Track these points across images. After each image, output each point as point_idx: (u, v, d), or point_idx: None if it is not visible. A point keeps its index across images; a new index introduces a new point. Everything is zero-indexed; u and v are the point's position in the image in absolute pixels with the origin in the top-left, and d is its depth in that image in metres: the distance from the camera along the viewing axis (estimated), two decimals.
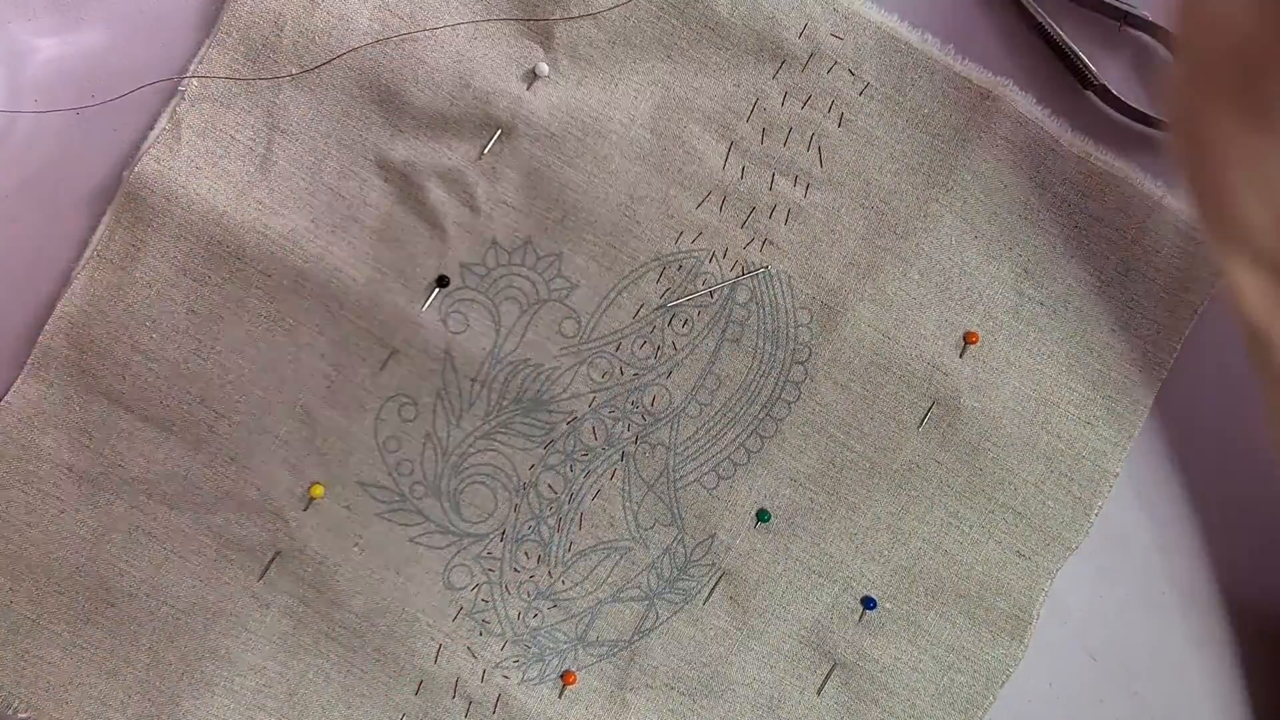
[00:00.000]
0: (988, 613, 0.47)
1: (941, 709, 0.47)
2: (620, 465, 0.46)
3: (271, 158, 0.44)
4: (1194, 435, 0.49)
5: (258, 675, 0.45)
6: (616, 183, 0.45)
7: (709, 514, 0.46)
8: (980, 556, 0.47)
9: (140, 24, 0.45)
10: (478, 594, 0.46)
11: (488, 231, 0.45)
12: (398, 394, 0.45)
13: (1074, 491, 0.47)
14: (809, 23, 0.44)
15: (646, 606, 0.46)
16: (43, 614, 0.44)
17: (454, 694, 0.46)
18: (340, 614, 0.45)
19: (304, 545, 0.45)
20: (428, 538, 0.45)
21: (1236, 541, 0.49)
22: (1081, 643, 0.49)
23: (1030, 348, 0.46)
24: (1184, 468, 0.49)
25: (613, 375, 0.45)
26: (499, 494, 0.46)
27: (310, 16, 0.43)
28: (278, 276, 0.44)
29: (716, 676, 0.47)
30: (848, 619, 0.47)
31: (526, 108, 0.44)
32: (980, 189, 0.45)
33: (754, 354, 0.46)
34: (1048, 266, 0.46)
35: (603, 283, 0.45)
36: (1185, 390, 0.48)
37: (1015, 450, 0.46)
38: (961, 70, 0.45)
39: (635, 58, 0.45)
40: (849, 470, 0.46)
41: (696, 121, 0.45)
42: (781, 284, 0.46)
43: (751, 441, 0.46)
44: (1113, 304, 0.46)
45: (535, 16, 0.44)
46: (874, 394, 0.46)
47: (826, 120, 0.45)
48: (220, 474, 0.45)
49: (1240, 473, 0.49)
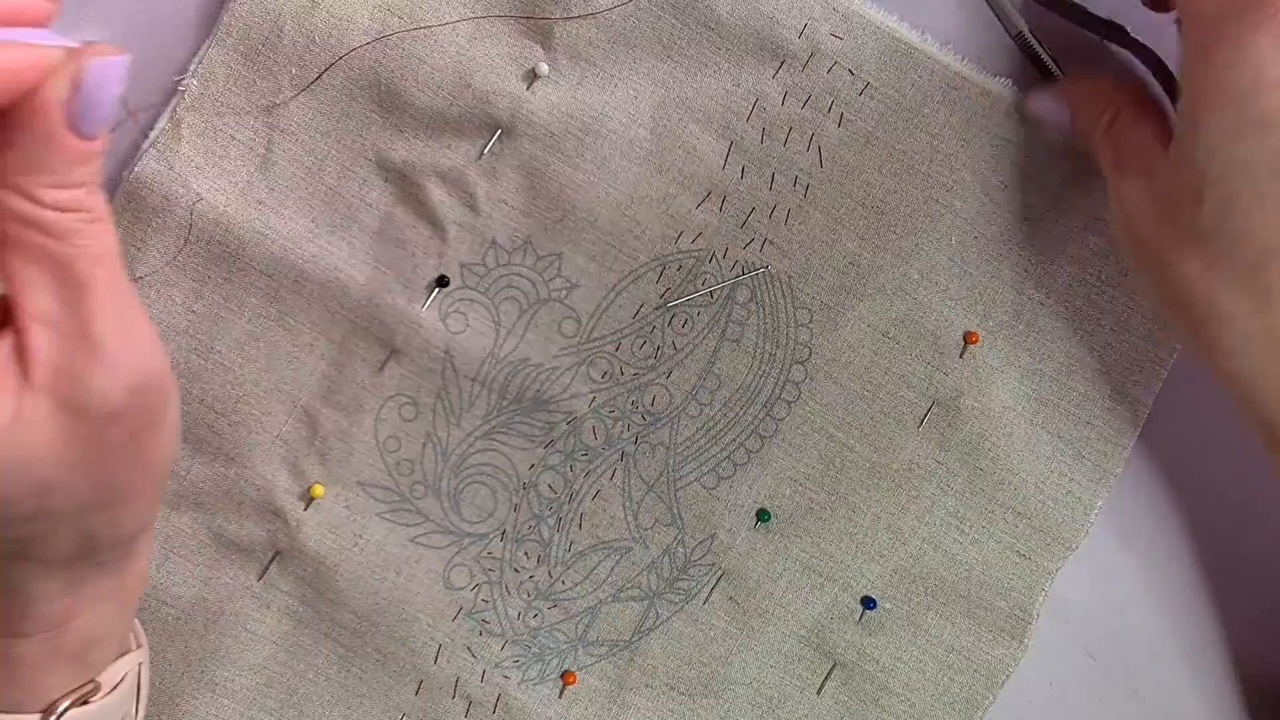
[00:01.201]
0: (988, 613, 0.47)
1: (941, 708, 0.47)
2: (620, 465, 0.46)
3: (271, 158, 0.44)
4: (1194, 435, 0.49)
5: (258, 675, 0.45)
6: (616, 183, 0.45)
7: (709, 514, 0.46)
8: (980, 556, 0.47)
9: (140, 24, 0.44)
10: (478, 594, 0.46)
11: (488, 231, 0.45)
12: (398, 394, 0.45)
13: (1074, 492, 0.47)
14: (809, 23, 0.44)
15: (646, 606, 0.46)
16: None
17: (454, 694, 0.46)
18: (340, 614, 0.45)
19: (304, 545, 0.45)
20: (428, 537, 0.46)
21: (1237, 541, 0.49)
22: (1081, 643, 0.49)
23: (1030, 348, 0.46)
24: (1184, 468, 0.49)
25: (613, 375, 0.45)
26: (499, 494, 0.46)
27: (310, 17, 0.43)
28: (278, 276, 0.44)
29: (716, 676, 0.47)
30: (848, 619, 0.47)
31: (526, 108, 0.44)
32: (980, 189, 0.45)
33: (754, 354, 0.46)
34: (1048, 266, 0.46)
35: (603, 283, 0.45)
36: (1185, 390, 0.48)
37: (1016, 450, 0.46)
38: (961, 70, 0.45)
39: (635, 58, 0.44)
40: (849, 470, 0.46)
41: (696, 121, 0.45)
42: (781, 284, 0.46)
43: (751, 441, 0.46)
44: (1113, 304, 0.46)
45: (535, 15, 0.44)
46: (874, 394, 0.46)
47: (827, 120, 0.45)
48: (220, 474, 0.45)
49: (1241, 472, 0.49)
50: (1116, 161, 0.41)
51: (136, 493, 0.34)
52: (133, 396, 0.31)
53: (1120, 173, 0.41)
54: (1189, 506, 0.49)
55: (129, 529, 0.35)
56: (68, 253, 0.30)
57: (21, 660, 0.35)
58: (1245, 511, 0.49)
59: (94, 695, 0.37)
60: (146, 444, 0.33)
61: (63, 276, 0.30)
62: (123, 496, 0.34)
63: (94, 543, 0.34)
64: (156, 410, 0.33)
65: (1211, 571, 0.49)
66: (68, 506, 0.32)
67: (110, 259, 0.31)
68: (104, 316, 0.31)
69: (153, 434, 0.33)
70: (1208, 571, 0.49)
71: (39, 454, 0.30)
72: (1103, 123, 0.42)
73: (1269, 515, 0.49)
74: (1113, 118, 0.42)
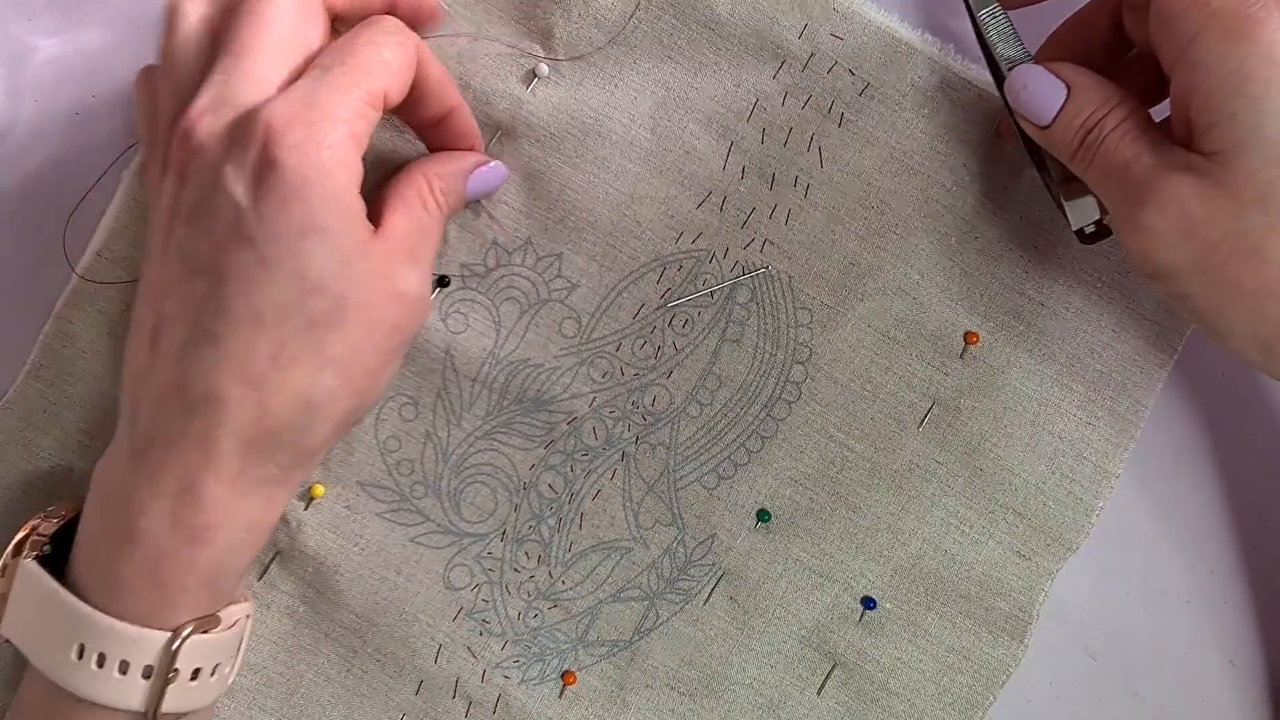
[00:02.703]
0: (988, 613, 0.47)
1: (942, 709, 0.47)
2: (620, 465, 0.46)
3: None
4: (1195, 436, 0.49)
5: (258, 675, 0.45)
6: (617, 183, 0.45)
7: (709, 514, 0.46)
8: (980, 557, 0.47)
9: (140, 24, 0.44)
10: (478, 594, 0.46)
11: (488, 232, 0.45)
12: (398, 394, 0.45)
13: (1075, 492, 0.47)
14: (809, 23, 0.44)
15: (647, 607, 0.46)
16: None
17: (454, 694, 0.46)
18: (340, 614, 0.45)
19: (304, 545, 0.45)
20: (428, 538, 0.46)
21: (1237, 541, 0.49)
22: (1081, 643, 0.49)
23: (1031, 348, 0.46)
24: (1185, 468, 0.49)
25: (613, 375, 0.45)
26: (499, 494, 0.46)
27: None
28: None
29: (717, 677, 0.47)
30: (848, 619, 0.47)
31: (526, 108, 0.44)
32: (980, 189, 0.45)
33: (754, 354, 0.46)
34: (1048, 267, 0.46)
35: (603, 283, 0.45)
36: (1186, 391, 0.48)
37: (1016, 451, 0.46)
38: (961, 70, 0.45)
39: (635, 58, 0.45)
40: (849, 470, 0.46)
41: (696, 122, 0.45)
42: (782, 284, 0.46)
43: (752, 441, 0.46)
44: (1113, 305, 0.46)
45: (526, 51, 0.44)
46: (874, 394, 0.46)
47: (827, 120, 0.45)
48: None
49: (1241, 473, 0.49)
50: (1135, 163, 0.38)
51: (380, 392, 0.40)
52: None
53: (1157, 173, 0.37)
54: (1189, 506, 0.49)
55: (347, 431, 0.41)
56: None
57: (178, 563, 0.36)
58: (1245, 512, 0.49)
59: (213, 628, 0.38)
60: (404, 347, 0.40)
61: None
62: (376, 393, 0.39)
63: (341, 434, 0.39)
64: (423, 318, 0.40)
65: (1211, 571, 0.49)
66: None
67: None
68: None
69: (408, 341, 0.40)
70: (1208, 571, 0.49)
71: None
72: (1109, 117, 0.39)
73: (1269, 515, 0.49)
74: (1128, 113, 0.39)
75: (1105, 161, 0.39)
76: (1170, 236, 0.37)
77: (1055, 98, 0.40)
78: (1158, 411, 0.47)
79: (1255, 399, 0.49)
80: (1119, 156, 0.38)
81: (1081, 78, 0.40)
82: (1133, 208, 0.38)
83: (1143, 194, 0.38)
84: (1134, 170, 0.38)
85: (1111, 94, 0.39)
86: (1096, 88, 0.39)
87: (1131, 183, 0.38)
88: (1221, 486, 0.49)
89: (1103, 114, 0.39)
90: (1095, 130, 0.39)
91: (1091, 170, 0.39)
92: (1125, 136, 0.38)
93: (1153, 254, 0.38)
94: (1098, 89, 0.39)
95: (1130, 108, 0.39)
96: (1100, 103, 0.39)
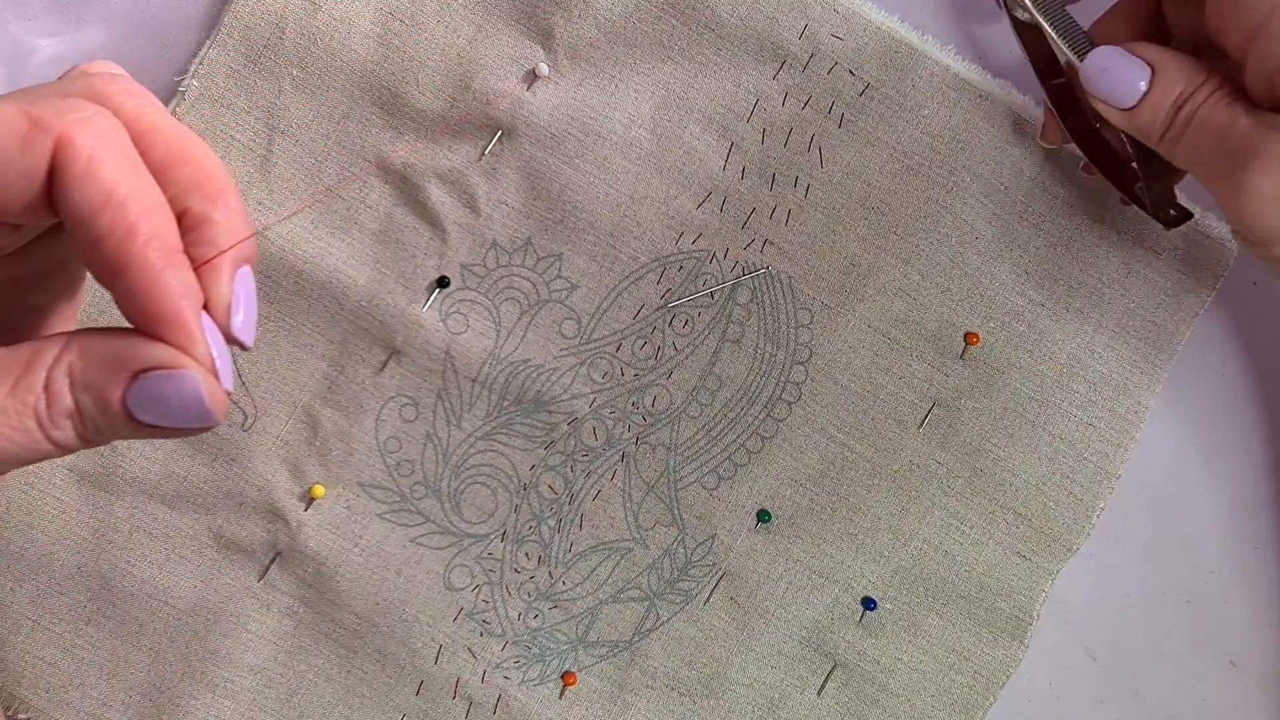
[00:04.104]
0: (988, 613, 0.47)
1: (942, 709, 0.47)
2: (621, 466, 0.46)
3: (271, 158, 0.44)
4: (1195, 436, 0.49)
5: (258, 676, 0.45)
6: (617, 183, 0.45)
7: (709, 515, 0.46)
8: (981, 557, 0.47)
9: (140, 24, 0.44)
10: (478, 595, 0.46)
11: (488, 232, 0.45)
12: (398, 394, 0.45)
13: (1075, 493, 0.47)
14: (809, 23, 0.44)
15: (647, 607, 0.46)
16: (43, 614, 0.44)
17: (454, 695, 0.46)
18: (340, 614, 0.45)
19: (304, 546, 0.45)
20: (428, 538, 0.46)
21: (1237, 541, 0.49)
22: (1081, 643, 0.49)
23: (1031, 349, 0.46)
24: (1185, 468, 0.49)
25: (613, 376, 0.45)
26: (499, 495, 0.46)
27: (312, 19, 0.43)
28: (278, 277, 0.44)
29: (717, 677, 0.47)
30: (848, 619, 0.47)
31: (527, 109, 0.44)
32: (980, 190, 0.45)
33: (754, 354, 0.46)
34: (1048, 268, 0.46)
35: (603, 283, 0.45)
36: (1186, 391, 0.48)
37: (1016, 451, 0.46)
38: (961, 70, 0.45)
39: (636, 58, 0.44)
40: (850, 471, 0.46)
41: (697, 122, 0.45)
42: (782, 284, 0.46)
43: (752, 442, 0.46)
44: (1113, 305, 0.46)
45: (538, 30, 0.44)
46: (874, 394, 0.46)
47: (827, 121, 0.45)
48: (220, 474, 0.45)
49: (1241, 473, 0.49)
50: (1232, 127, 0.37)
51: None
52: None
53: (1259, 132, 0.36)
54: (1189, 507, 0.49)
55: None
56: None
57: None
58: (1245, 512, 0.49)
59: None
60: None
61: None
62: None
63: None
64: None
65: (1211, 571, 0.49)
66: None
67: None
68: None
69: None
70: (1208, 571, 0.49)
71: None
72: (1200, 91, 0.37)
73: (1268, 516, 0.49)
74: (1219, 84, 0.37)
75: (1199, 131, 0.37)
76: (1276, 198, 0.36)
77: (1139, 79, 0.38)
78: (1158, 411, 0.47)
79: (1255, 399, 0.49)
80: (1214, 123, 0.37)
81: (1165, 56, 0.38)
82: (1233, 171, 0.36)
83: (1245, 157, 0.36)
84: (1233, 134, 0.37)
85: (1198, 68, 0.38)
86: (1183, 64, 0.38)
87: (1231, 147, 0.37)
88: (1221, 486, 0.49)
89: (1193, 89, 0.37)
90: (1187, 106, 0.37)
91: (1183, 145, 0.38)
92: (1219, 103, 0.37)
93: (1257, 216, 0.36)
94: (1184, 65, 0.38)
95: (1219, 80, 0.38)
96: (1189, 79, 0.38)
